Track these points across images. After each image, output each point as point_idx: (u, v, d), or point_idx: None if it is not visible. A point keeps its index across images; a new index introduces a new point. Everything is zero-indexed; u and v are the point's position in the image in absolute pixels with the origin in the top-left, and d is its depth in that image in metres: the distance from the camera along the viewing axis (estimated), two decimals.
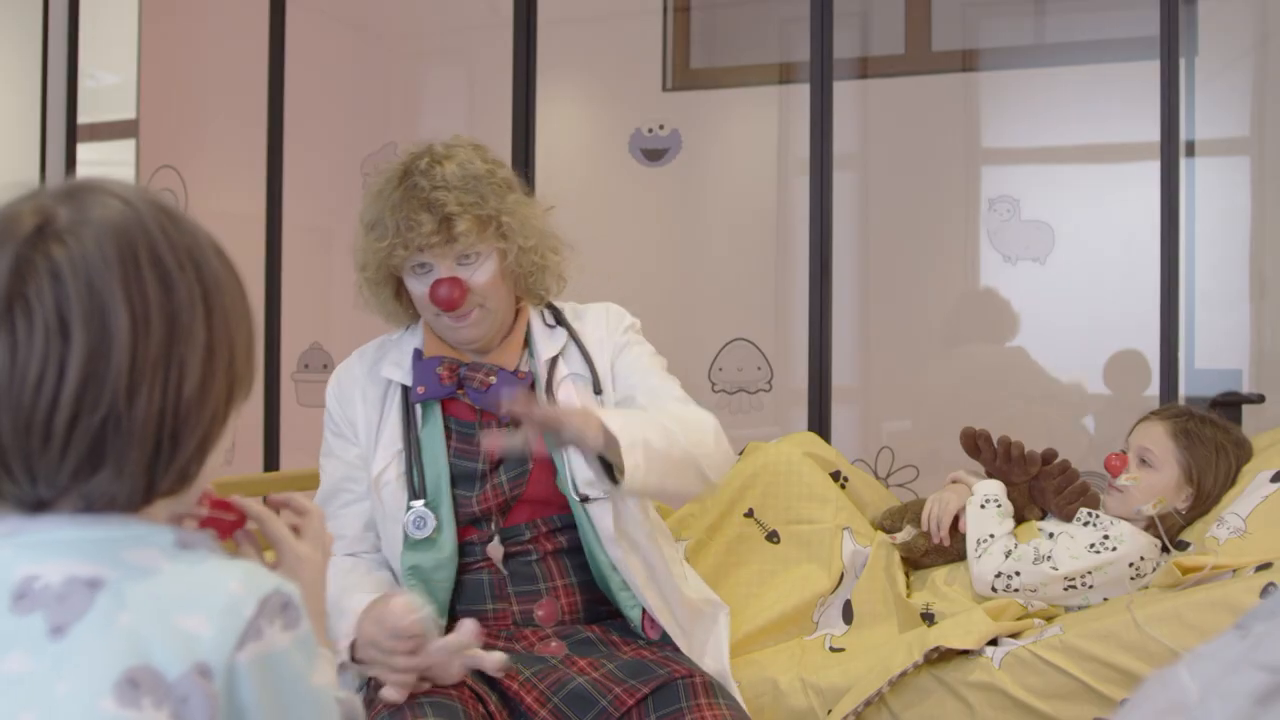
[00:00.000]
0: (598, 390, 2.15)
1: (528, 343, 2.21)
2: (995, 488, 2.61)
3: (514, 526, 2.10)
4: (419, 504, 2.07)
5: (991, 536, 2.49)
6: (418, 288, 2.10)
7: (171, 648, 0.92)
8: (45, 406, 0.94)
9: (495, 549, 2.09)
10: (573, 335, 2.21)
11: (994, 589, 2.43)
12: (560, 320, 2.24)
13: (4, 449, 0.96)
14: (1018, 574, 2.42)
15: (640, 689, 1.97)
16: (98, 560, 0.96)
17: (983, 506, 2.57)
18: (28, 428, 0.95)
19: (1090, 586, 2.39)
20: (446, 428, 2.13)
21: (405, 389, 2.16)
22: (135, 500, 1.00)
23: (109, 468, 0.97)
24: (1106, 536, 2.42)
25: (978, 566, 2.47)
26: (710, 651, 2.20)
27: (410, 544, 2.06)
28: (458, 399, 2.15)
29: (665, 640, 2.11)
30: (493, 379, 2.11)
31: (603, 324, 2.24)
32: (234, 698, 0.94)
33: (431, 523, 2.06)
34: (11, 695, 0.91)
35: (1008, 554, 2.44)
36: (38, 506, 1.00)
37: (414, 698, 1.88)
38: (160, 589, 0.96)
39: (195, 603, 0.95)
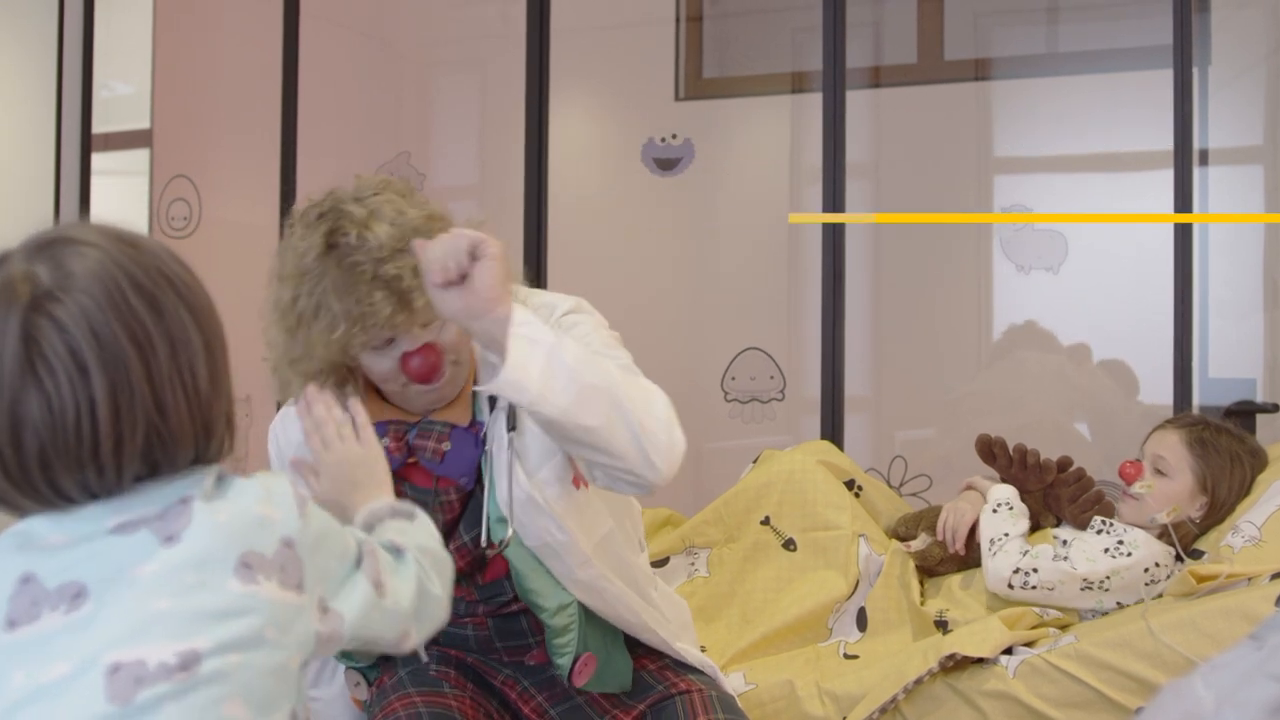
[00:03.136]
0: (511, 427, 1.87)
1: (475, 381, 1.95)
2: (1008, 492, 2.60)
3: (495, 583, 1.94)
4: None
5: (1005, 535, 2.49)
6: (381, 364, 1.83)
7: (262, 533, 1.14)
8: (89, 443, 1.08)
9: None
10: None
11: (1010, 585, 2.42)
12: None
13: (61, 486, 1.10)
14: (1035, 570, 2.40)
15: (636, 706, 1.96)
16: (179, 491, 1.13)
17: (995, 511, 2.57)
18: (79, 464, 1.09)
19: (1106, 590, 2.38)
20: (401, 493, 1.87)
21: None
22: None
23: (164, 469, 1.14)
24: (1121, 542, 2.41)
25: (993, 564, 2.45)
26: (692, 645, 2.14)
27: None
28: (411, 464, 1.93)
29: (657, 653, 2.06)
30: (446, 446, 1.88)
31: None
32: (312, 552, 1.18)
33: None
34: (146, 590, 1.08)
35: (1024, 552, 2.43)
36: None
37: (412, 706, 1.86)
38: (234, 495, 1.16)
39: (262, 497, 1.16)
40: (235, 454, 1.23)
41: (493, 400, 1.89)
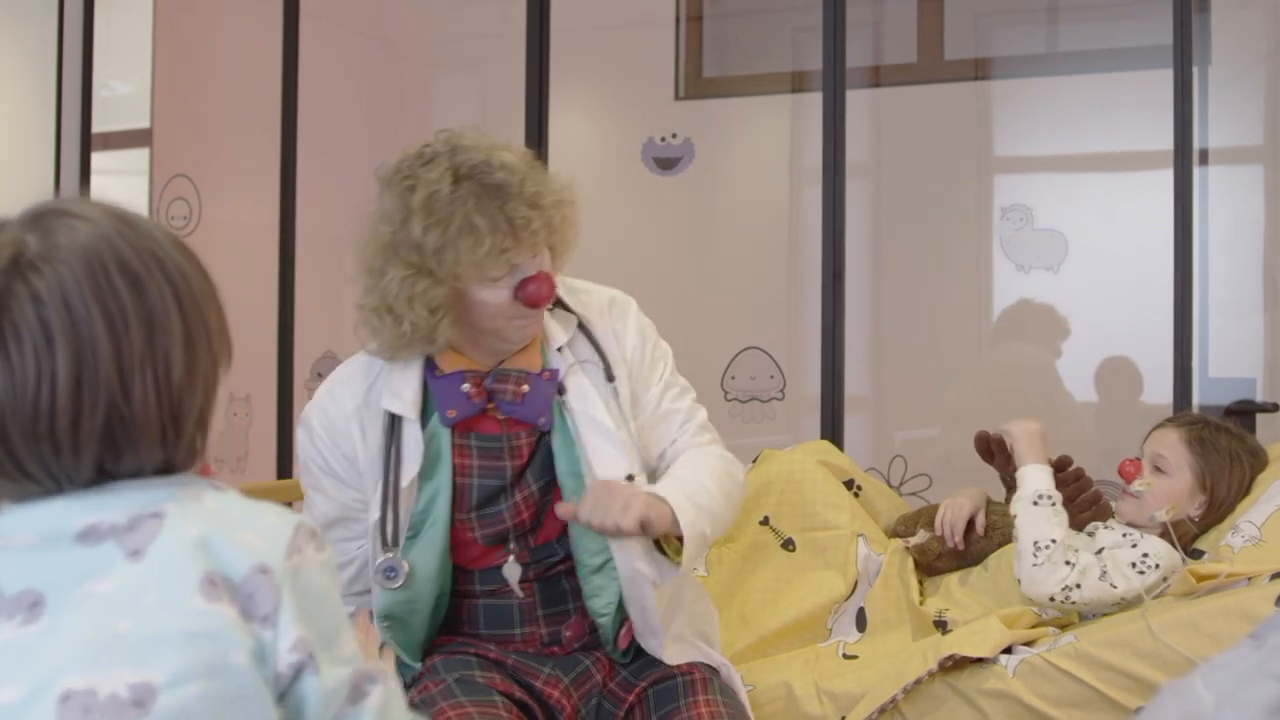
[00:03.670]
0: (610, 377, 2.02)
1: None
2: (1046, 481, 2.47)
3: (547, 545, 2.01)
4: (388, 555, 1.95)
5: (1054, 542, 2.37)
6: (497, 295, 1.90)
7: (235, 555, 1.07)
8: (46, 416, 1.05)
9: (511, 569, 1.99)
10: (578, 319, 2.08)
11: (1052, 598, 2.34)
12: (558, 300, 2.08)
13: (21, 459, 1.07)
14: (1079, 586, 2.32)
15: (638, 684, 2.01)
16: (155, 502, 1.09)
17: (1035, 504, 2.45)
18: (36, 438, 1.06)
19: (1129, 602, 2.34)
20: (464, 447, 1.98)
21: (393, 419, 1.98)
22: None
23: (127, 454, 1.09)
24: (1146, 555, 2.36)
25: (1037, 573, 2.34)
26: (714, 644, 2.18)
27: (385, 591, 1.97)
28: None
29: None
30: (525, 388, 1.96)
31: (607, 316, 2.11)
32: (296, 596, 1.08)
33: (402, 573, 1.95)
34: (104, 609, 1.03)
35: (1070, 564, 2.35)
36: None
37: (466, 716, 1.85)
38: (215, 512, 1.10)
39: (246, 524, 1.10)
40: (235, 453, 1.21)
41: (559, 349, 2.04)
